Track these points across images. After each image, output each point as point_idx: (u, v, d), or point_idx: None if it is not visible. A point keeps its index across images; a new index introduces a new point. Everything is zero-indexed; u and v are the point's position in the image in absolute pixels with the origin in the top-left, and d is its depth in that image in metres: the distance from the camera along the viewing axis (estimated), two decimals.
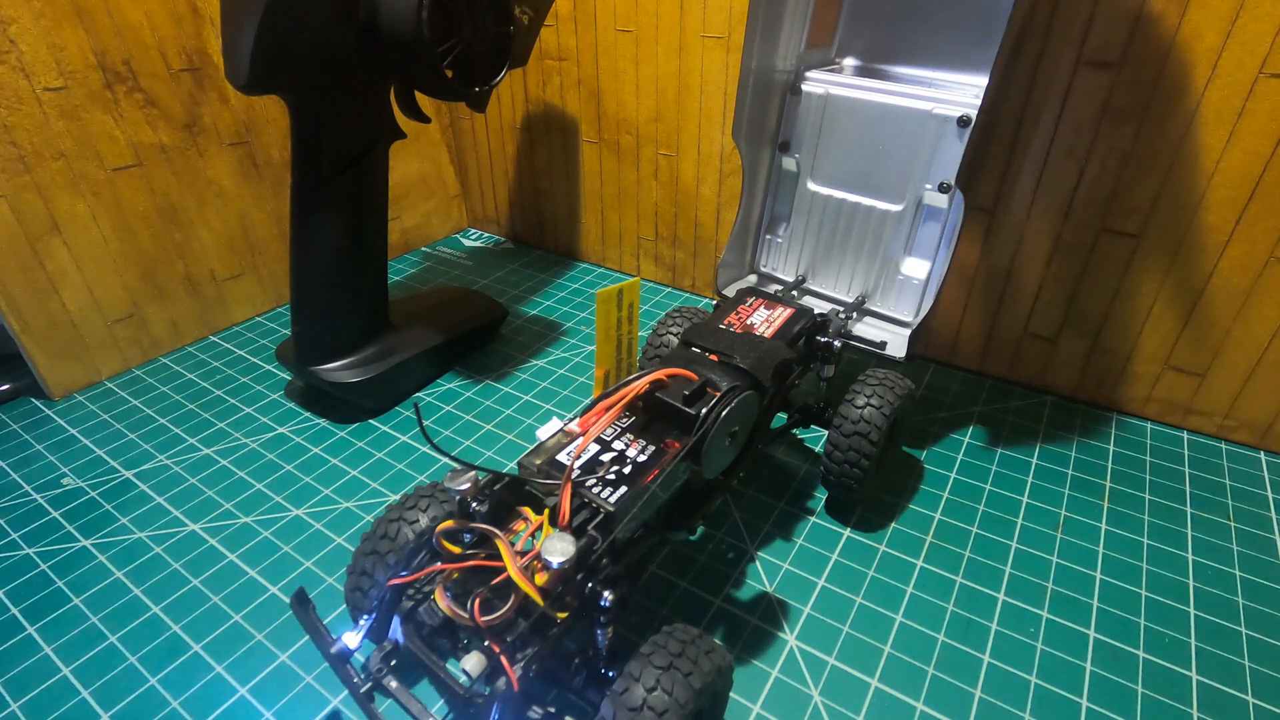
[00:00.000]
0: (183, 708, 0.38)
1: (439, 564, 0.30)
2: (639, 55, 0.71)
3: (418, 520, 0.36)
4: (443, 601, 0.29)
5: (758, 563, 0.46)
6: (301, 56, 0.47)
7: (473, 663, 0.28)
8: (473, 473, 0.31)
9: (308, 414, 0.61)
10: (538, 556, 0.28)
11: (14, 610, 0.43)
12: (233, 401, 0.62)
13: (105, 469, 0.54)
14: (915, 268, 0.55)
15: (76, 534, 0.48)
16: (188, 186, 0.67)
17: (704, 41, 0.67)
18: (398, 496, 0.37)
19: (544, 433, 0.35)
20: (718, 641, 0.32)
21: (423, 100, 0.55)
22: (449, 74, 0.50)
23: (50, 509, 0.51)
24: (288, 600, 0.43)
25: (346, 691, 0.37)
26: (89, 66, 0.58)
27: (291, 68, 0.47)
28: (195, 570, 0.46)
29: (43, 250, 0.59)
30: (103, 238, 0.62)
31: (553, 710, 0.33)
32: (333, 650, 0.33)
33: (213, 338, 0.72)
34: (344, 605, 0.42)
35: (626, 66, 0.73)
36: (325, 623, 0.34)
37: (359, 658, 0.34)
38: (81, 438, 0.58)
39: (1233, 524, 0.50)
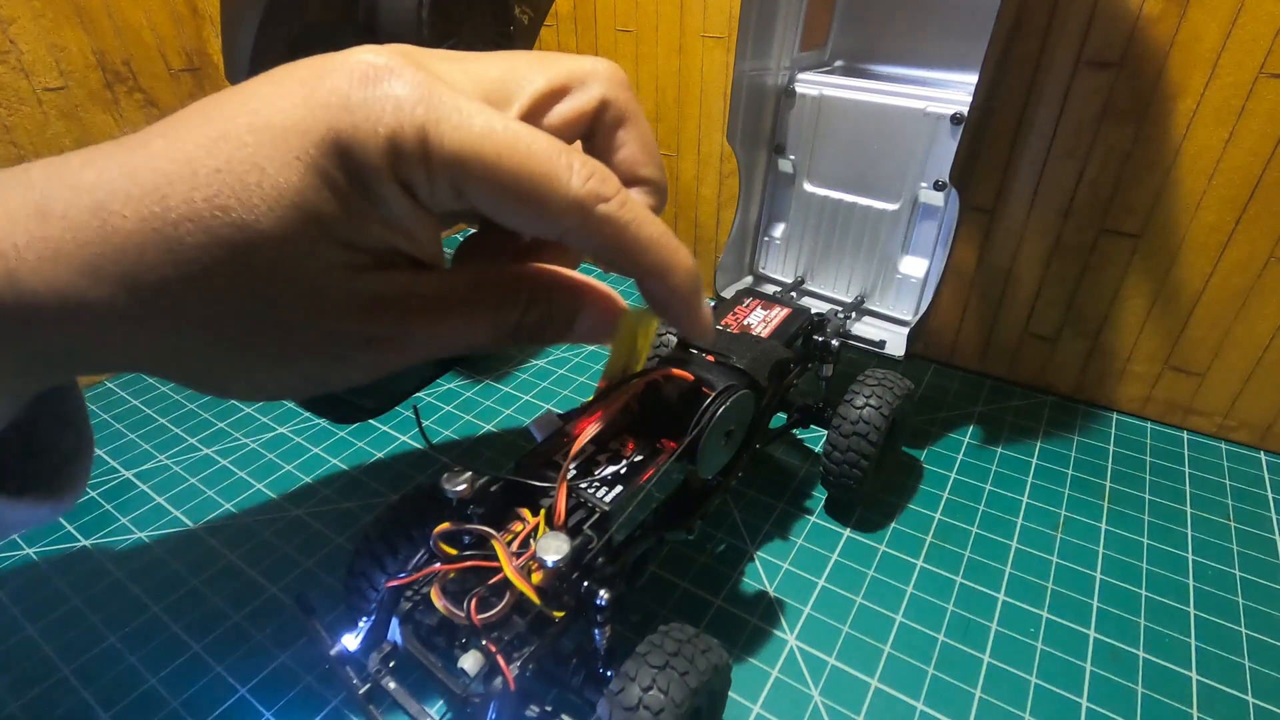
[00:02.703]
0: (183, 708, 0.38)
1: (436, 565, 0.31)
2: (639, 55, 0.71)
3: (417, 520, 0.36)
4: (439, 601, 0.29)
5: (758, 563, 0.46)
6: (301, 57, 0.47)
7: (470, 661, 0.28)
8: (469, 474, 0.31)
9: (308, 414, 0.61)
10: (533, 556, 0.28)
11: (14, 610, 0.43)
12: (233, 401, 0.63)
13: (105, 469, 0.55)
14: (913, 266, 0.55)
15: (76, 534, 0.48)
16: None
17: (704, 41, 0.67)
18: (397, 496, 0.37)
19: (541, 434, 0.35)
20: (715, 640, 0.32)
21: None
22: None
23: None
24: (288, 600, 0.44)
25: (346, 692, 0.37)
26: (89, 67, 0.58)
27: None
28: (195, 570, 0.46)
29: None
30: None
31: (550, 709, 0.33)
32: (332, 652, 0.33)
33: None
34: (343, 606, 0.43)
35: (626, 66, 0.73)
36: (325, 623, 0.35)
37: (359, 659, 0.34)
38: None
39: (1233, 524, 0.49)
